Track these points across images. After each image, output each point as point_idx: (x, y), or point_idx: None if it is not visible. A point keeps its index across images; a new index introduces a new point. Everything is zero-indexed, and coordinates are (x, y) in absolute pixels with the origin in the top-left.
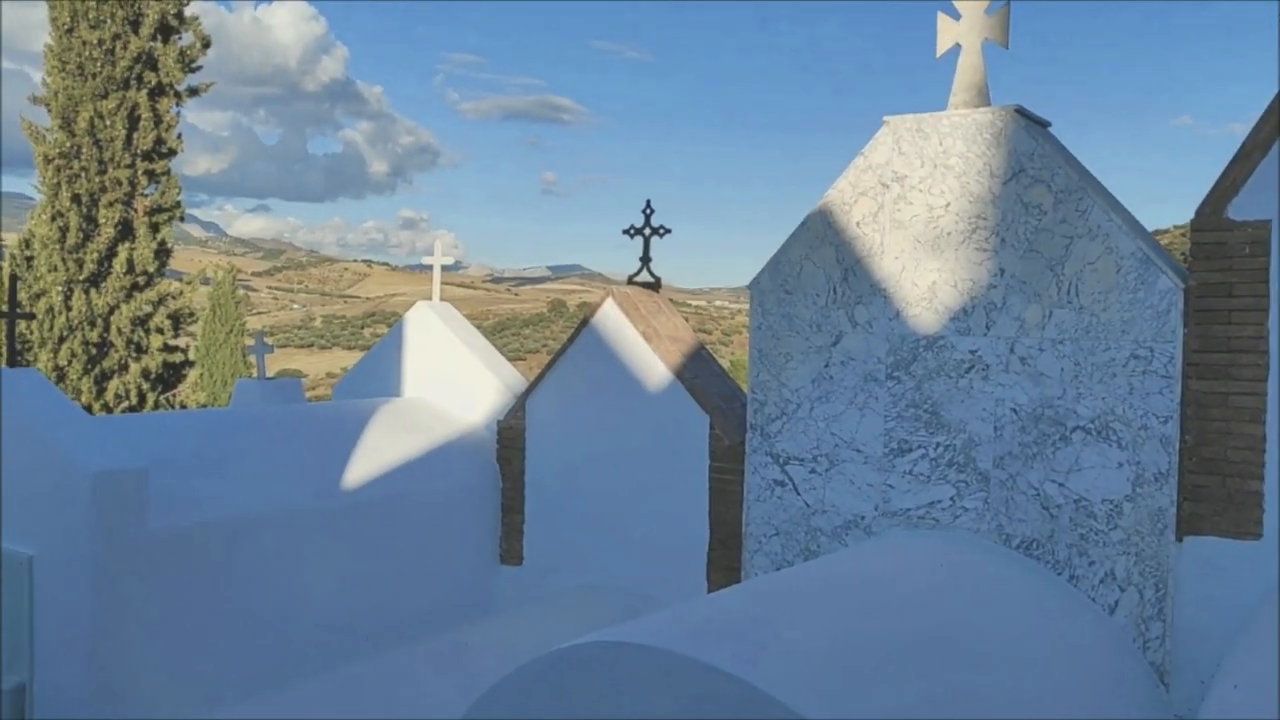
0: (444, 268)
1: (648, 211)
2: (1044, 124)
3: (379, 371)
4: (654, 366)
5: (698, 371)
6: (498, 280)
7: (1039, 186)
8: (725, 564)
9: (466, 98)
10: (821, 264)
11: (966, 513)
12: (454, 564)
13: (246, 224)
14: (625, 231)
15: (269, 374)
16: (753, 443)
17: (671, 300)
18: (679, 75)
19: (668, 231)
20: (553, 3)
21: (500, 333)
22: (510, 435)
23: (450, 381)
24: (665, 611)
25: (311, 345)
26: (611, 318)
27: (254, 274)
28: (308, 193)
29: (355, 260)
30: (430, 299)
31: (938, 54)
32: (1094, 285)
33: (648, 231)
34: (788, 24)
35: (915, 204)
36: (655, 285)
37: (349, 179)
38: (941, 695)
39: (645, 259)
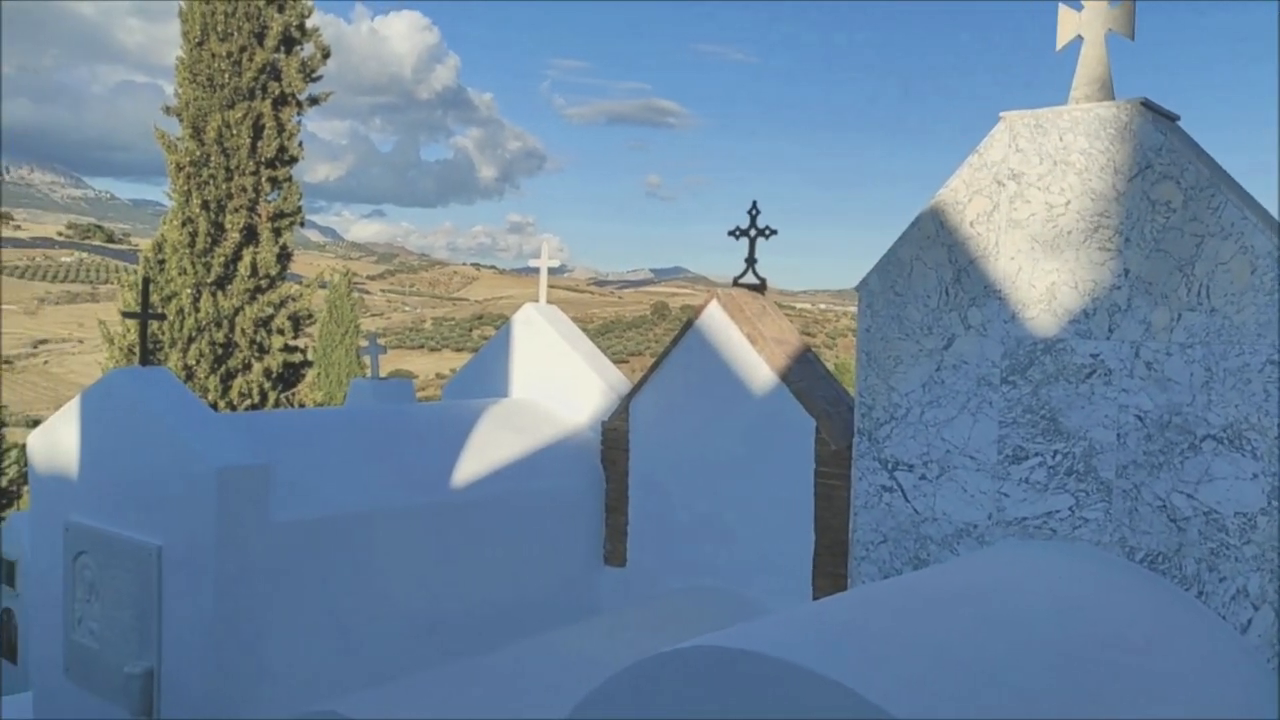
0: (549, 271)
1: (753, 213)
2: (1172, 117)
3: (487, 372)
4: (759, 369)
5: (803, 375)
6: (601, 283)
7: (1167, 183)
8: (831, 571)
9: (572, 103)
10: (933, 265)
11: (1087, 524)
12: (559, 563)
13: (362, 229)
14: (731, 233)
15: (382, 374)
16: (860, 448)
17: (775, 303)
18: (783, 76)
19: (774, 233)
20: (657, 5)
21: (604, 335)
22: (614, 436)
23: (556, 382)
24: (772, 617)
25: (422, 346)
26: (716, 320)
27: (368, 277)
28: (420, 198)
29: (464, 264)
30: (537, 301)
31: (1058, 46)
32: (1227, 286)
33: (753, 233)
34: (890, 23)
35: (1033, 202)
36: (760, 287)
37: (459, 184)
38: (1061, 714)
39: (750, 261)
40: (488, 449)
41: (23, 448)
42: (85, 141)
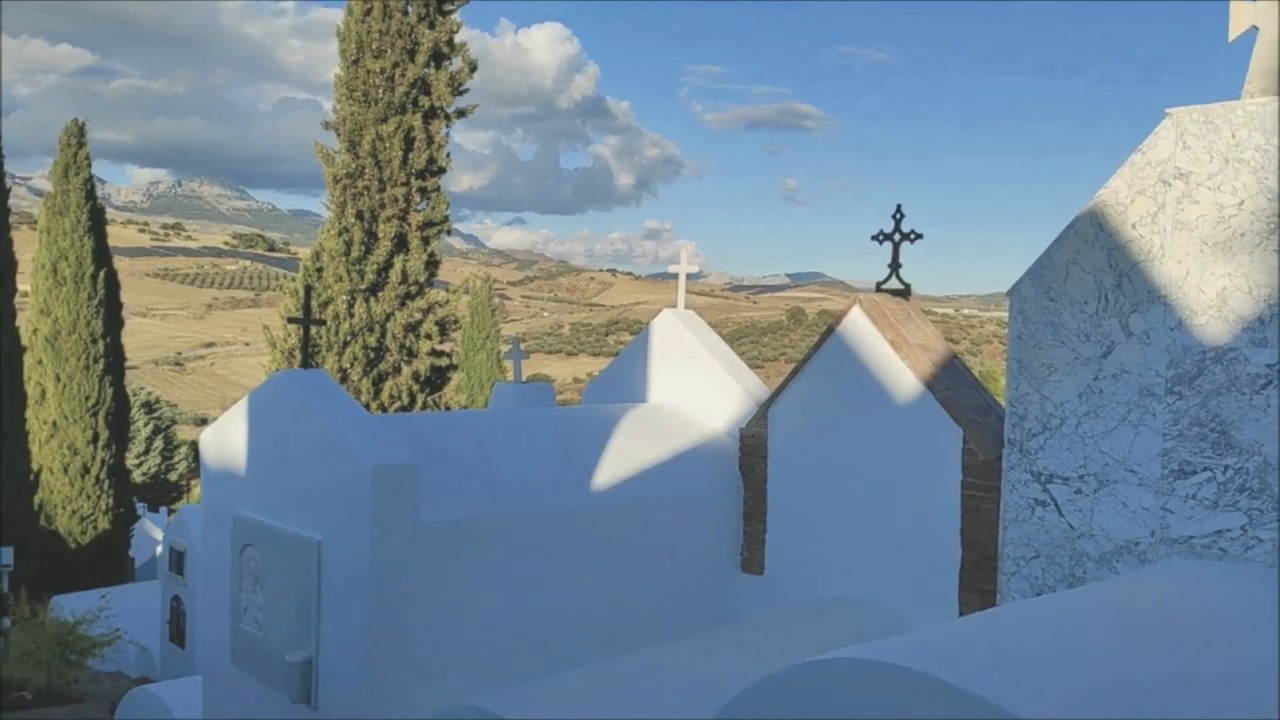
0: (686, 276)
1: (897, 216)
2: None
3: (625, 377)
4: (903, 376)
5: (950, 382)
6: (737, 288)
7: None
8: (979, 586)
9: (710, 109)
10: (1091, 269)
11: (1261, 544)
12: (697, 569)
13: (503, 236)
14: (874, 238)
15: (526, 376)
16: (1010, 459)
17: (919, 308)
18: (925, 75)
19: (919, 237)
20: (795, 8)
21: (739, 340)
22: (753, 443)
23: (694, 388)
24: (919, 632)
25: (559, 351)
26: (858, 325)
27: (508, 283)
28: (559, 206)
29: (601, 269)
30: (674, 306)
31: (1230, 39)
32: None
33: (897, 237)
34: (1037, 17)
35: (1202, 203)
36: (905, 292)
37: (597, 192)
38: None
39: (894, 265)
40: (627, 453)
41: (192, 444)
42: (250, 156)
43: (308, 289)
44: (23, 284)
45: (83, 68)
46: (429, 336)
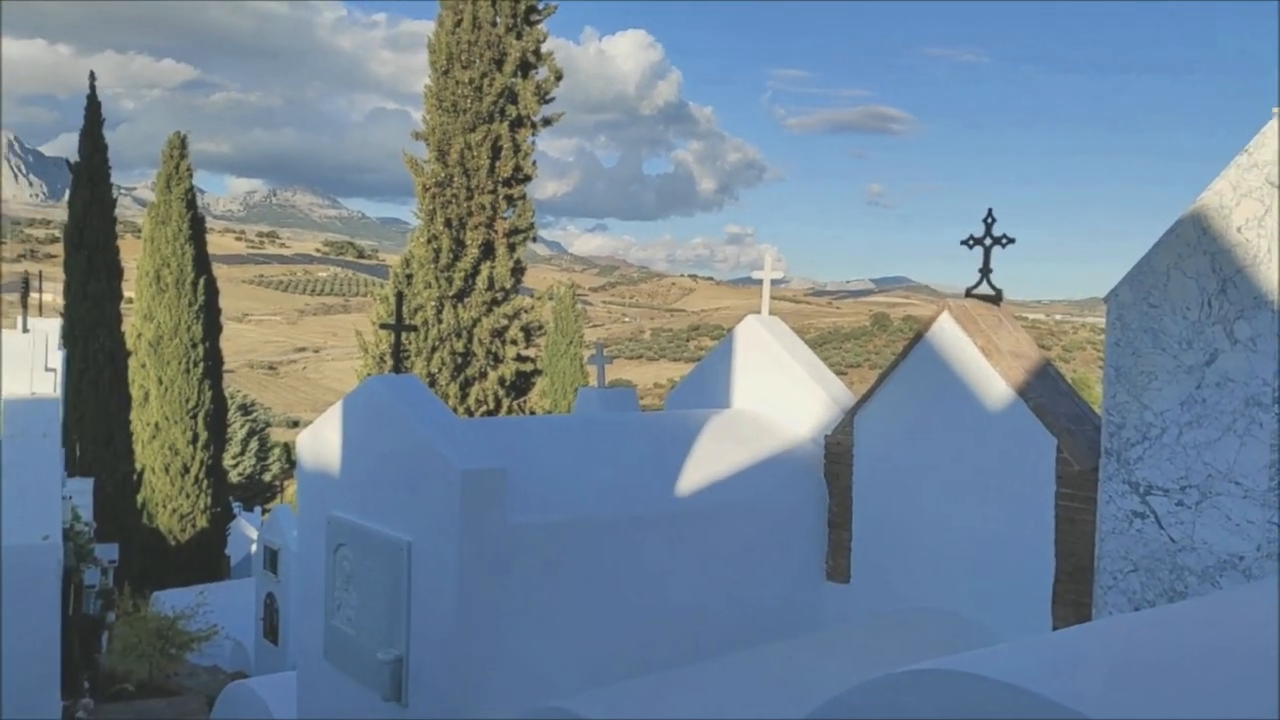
0: (774, 281)
1: (989, 220)
2: None
3: (709, 382)
4: (994, 384)
5: (1043, 390)
6: (819, 293)
7: None
8: (1073, 599)
9: (793, 113)
10: (1194, 274)
11: None
12: (781, 576)
13: (586, 242)
14: (964, 242)
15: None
16: (1107, 469)
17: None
18: (1015, 76)
19: (1010, 241)
20: (882, 9)
21: (822, 346)
22: (838, 450)
23: (778, 394)
24: (1013, 644)
25: (640, 356)
26: (948, 331)
27: (590, 289)
28: (641, 211)
29: (682, 275)
30: (756, 312)
31: None
32: None
33: (988, 241)
34: (1136, 17)
35: None
36: (996, 298)
37: (679, 197)
38: None
39: (985, 270)
40: (711, 459)
41: (285, 446)
42: (342, 165)
43: (399, 295)
44: (127, 290)
45: (184, 82)
46: (514, 342)
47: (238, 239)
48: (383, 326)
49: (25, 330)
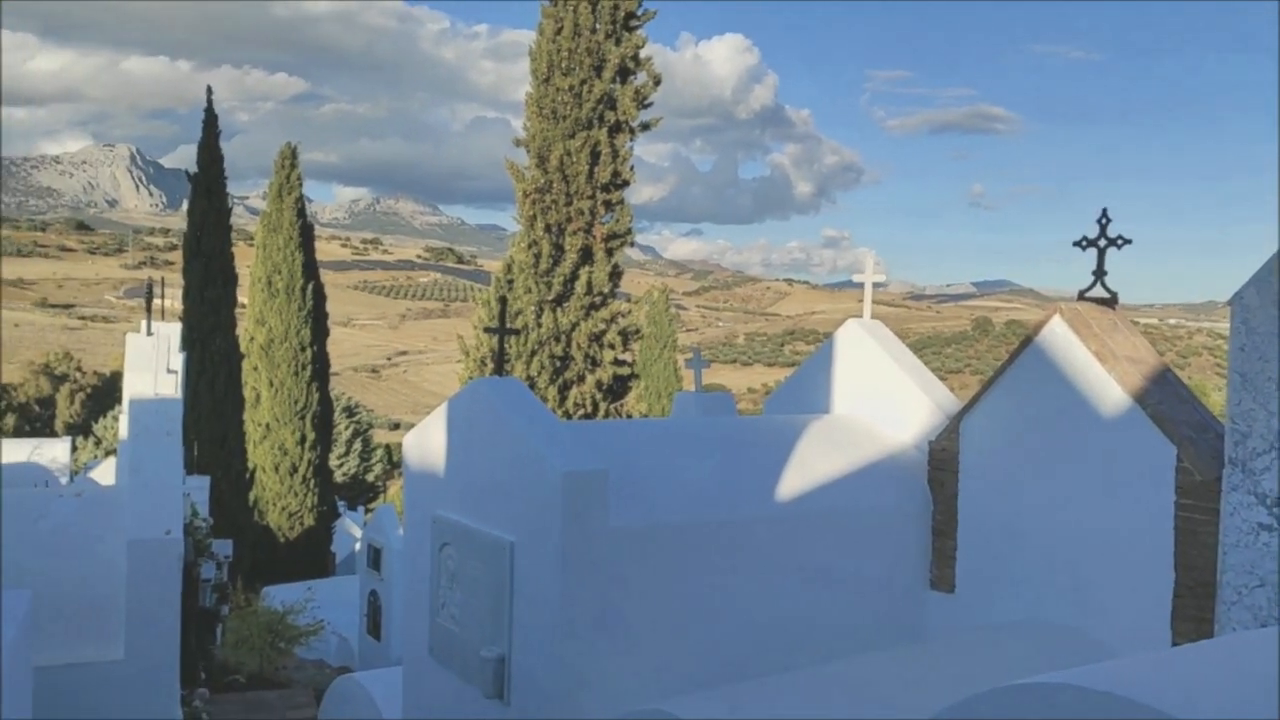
0: (872, 284)
1: (1103, 220)
2: None
3: (808, 387)
4: (1109, 390)
5: (1162, 397)
6: (918, 297)
7: None
8: (1194, 614)
9: (892, 114)
10: None
11: None
12: (882, 585)
13: (680, 247)
14: (1077, 243)
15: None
16: (1232, 480)
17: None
18: (1126, 73)
19: (1127, 242)
20: (986, 8)
21: (921, 350)
22: (943, 457)
23: (880, 399)
24: (1135, 659)
25: (734, 361)
26: (1059, 335)
27: (684, 294)
28: (737, 215)
29: (777, 279)
30: (856, 316)
31: None
32: None
33: (1103, 242)
34: (1255, 8)
35: None
36: (1111, 301)
37: (775, 201)
38: None
39: (1099, 272)
40: (812, 465)
41: (387, 447)
42: (443, 173)
43: (503, 300)
44: (241, 296)
45: (296, 95)
46: (612, 346)
47: (343, 246)
48: (487, 330)
49: (149, 333)
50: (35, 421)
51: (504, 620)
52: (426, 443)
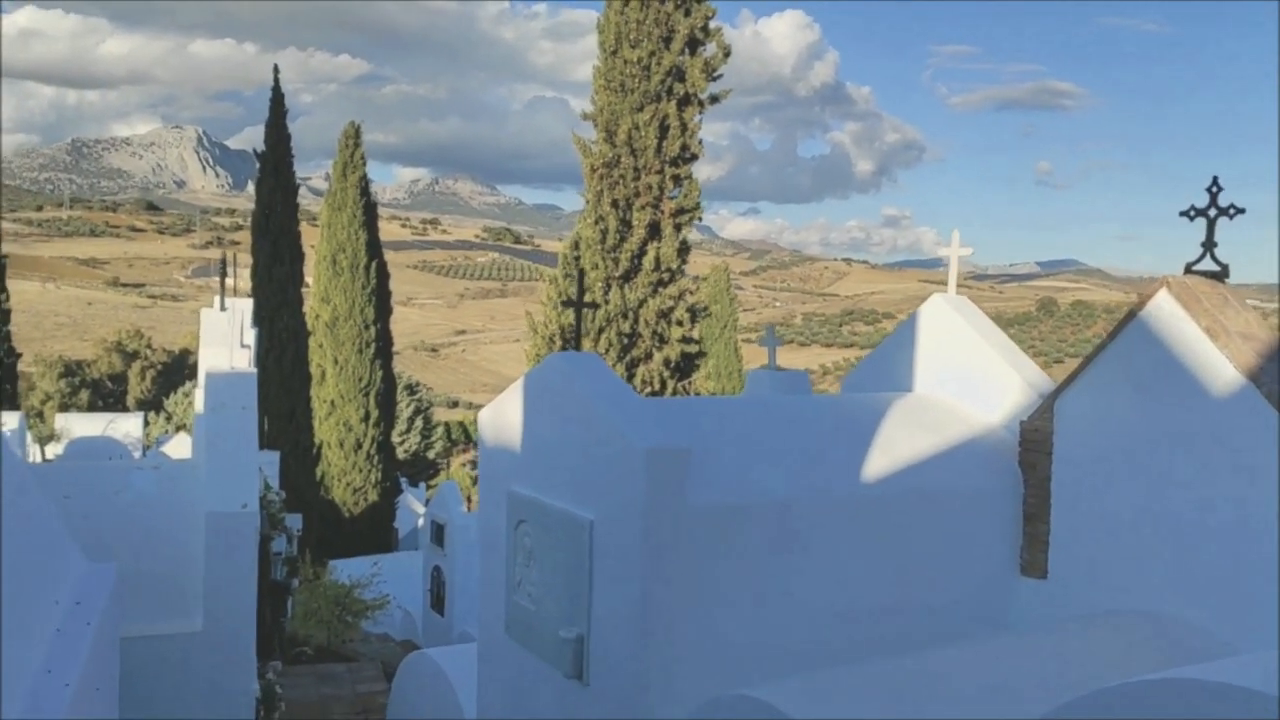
0: (930, 263)
1: (1213, 189)
2: None
3: (889, 365)
4: (1220, 368)
5: (1277, 375)
6: (981, 277)
7: None
8: None
9: (956, 91)
10: None
11: None
12: (970, 569)
13: (738, 226)
14: (1184, 213)
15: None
16: None
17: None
18: (1200, 45)
19: (1239, 211)
20: None
21: None
22: (1036, 437)
23: (965, 378)
24: (1260, 654)
25: (792, 341)
26: (1165, 310)
27: (741, 273)
28: (795, 194)
29: (835, 259)
30: (923, 297)
31: None
32: None
33: (1213, 212)
34: None
35: None
36: (1221, 274)
37: (835, 179)
38: None
39: (1209, 244)
40: (895, 445)
41: (446, 425)
42: (501, 153)
43: (581, 272)
44: (307, 275)
45: (358, 76)
46: (680, 323)
47: (403, 226)
48: (565, 304)
49: (223, 309)
50: (108, 397)
51: (583, 600)
52: (502, 418)
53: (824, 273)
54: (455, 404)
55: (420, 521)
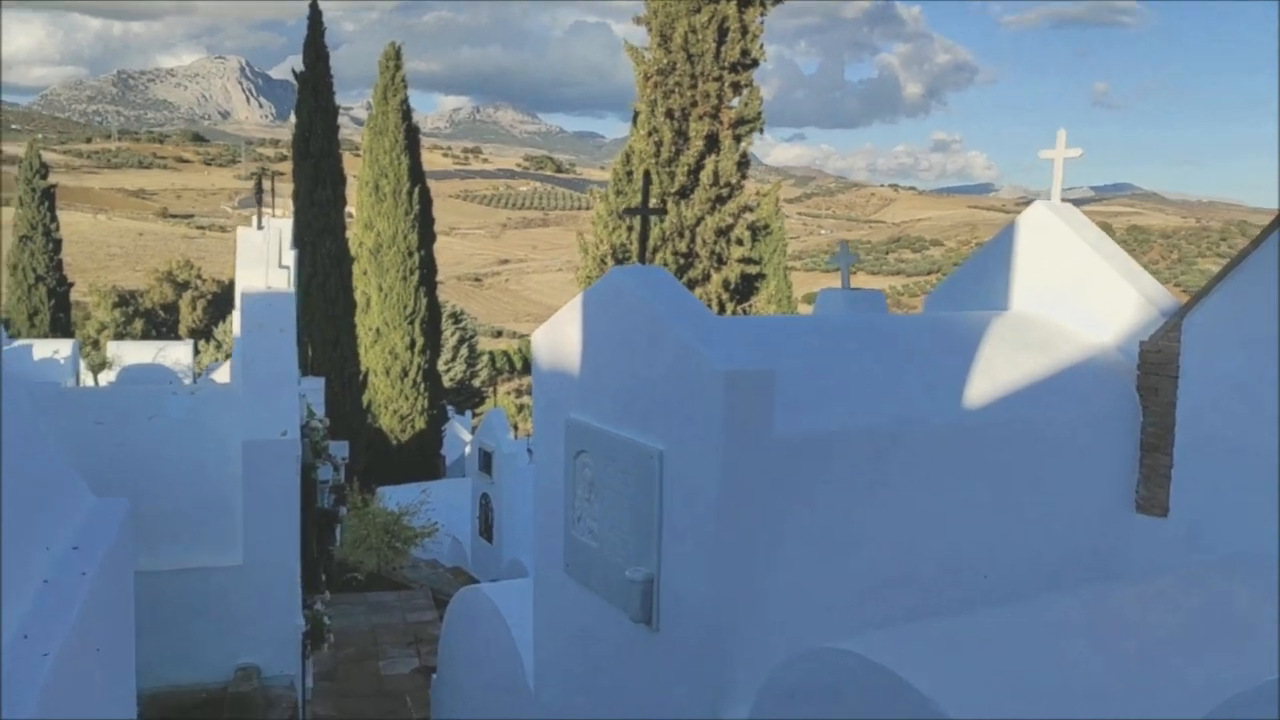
0: (980, 188)
1: None
2: None
3: (980, 280)
4: None
5: None
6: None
7: None
8: None
9: (1010, 9)
10: None
11: None
12: (1080, 506)
13: (783, 153)
14: None
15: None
16: None
17: None
18: None
19: None
20: None
21: None
22: (1158, 360)
23: (1073, 294)
24: None
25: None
26: None
27: (786, 200)
28: (842, 119)
29: (882, 185)
30: (969, 224)
31: None
32: None
33: None
34: None
35: None
36: None
37: (883, 104)
38: None
39: None
40: (994, 368)
41: (490, 354)
42: (542, 81)
43: (646, 175)
44: (348, 202)
45: (399, 3)
46: (740, 242)
47: (445, 155)
48: (627, 212)
49: (260, 227)
50: (161, 326)
51: (651, 538)
52: (559, 339)
53: (870, 199)
54: (499, 333)
55: (467, 449)
